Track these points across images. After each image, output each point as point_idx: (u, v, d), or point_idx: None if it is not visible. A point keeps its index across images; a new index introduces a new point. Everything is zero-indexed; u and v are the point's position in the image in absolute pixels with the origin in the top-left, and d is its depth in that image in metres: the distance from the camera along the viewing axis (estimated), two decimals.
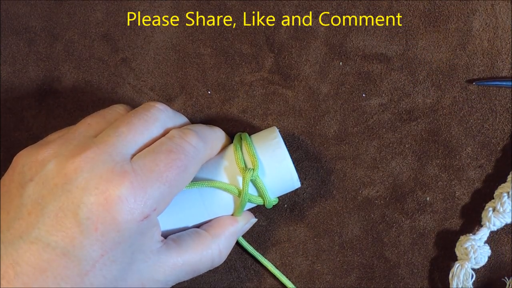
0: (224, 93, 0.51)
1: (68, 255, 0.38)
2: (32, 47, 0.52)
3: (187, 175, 0.43)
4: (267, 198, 0.46)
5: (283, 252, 0.51)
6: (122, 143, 0.41)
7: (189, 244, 0.44)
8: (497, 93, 0.50)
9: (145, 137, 0.43)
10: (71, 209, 0.38)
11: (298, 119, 0.51)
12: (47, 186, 0.39)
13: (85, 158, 0.40)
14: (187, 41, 0.52)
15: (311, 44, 0.51)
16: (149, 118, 0.44)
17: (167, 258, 0.42)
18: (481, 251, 0.48)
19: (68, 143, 0.41)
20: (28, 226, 0.38)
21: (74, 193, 0.39)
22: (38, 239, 0.38)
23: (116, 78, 0.52)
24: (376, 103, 0.51)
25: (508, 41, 0.50)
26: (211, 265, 0.46)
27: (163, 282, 0.43)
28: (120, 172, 0.39)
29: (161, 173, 0.41)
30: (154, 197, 0.40)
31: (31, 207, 0.39)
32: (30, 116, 0.52)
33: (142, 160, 0.41)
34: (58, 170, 0.39)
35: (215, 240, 0.45)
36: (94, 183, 0.39)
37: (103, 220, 0.38)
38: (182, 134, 0.43)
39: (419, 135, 0.50)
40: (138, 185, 0.40)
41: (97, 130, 0.43)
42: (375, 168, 0.51)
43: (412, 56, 0.51)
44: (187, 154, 0.42)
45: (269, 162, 0.46)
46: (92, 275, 0.39)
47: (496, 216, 0.48)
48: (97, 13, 0.52)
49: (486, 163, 0.50)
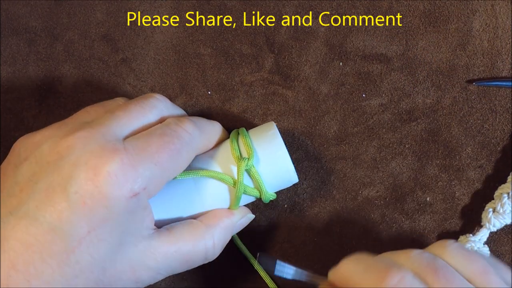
0: (224, 93, 0.51)
1: (55, 230, 0.38)
2: (32, 47, 0.52)
3: (180, 160, 0.42)
4: (263, 188, 0.46)
5: (283, 252, 0.51)
6: (117, 126, 0.42)
7: (182, 233, 0.43)
8: (497, 93, 0.50)
9: (141, 122, 0.43)
10: (61, 184, 0.38)
11: (298, 119, 0.51)
12: (40, 164, 0.39)
13: (78, 137, 0.40)
14: (187, 41, 0.52)
15: (311, 45, 0.51)
16: (146, 106, 0.44)
17: (158, 244, 0.42)
18: (480, 252, 0.48)
19: (64, 126, 0.42)
20: (19, 202, 0.38)
21: (65, 169, 0.39)
22: (26, 214, 0.38)
23: (116, 78, 0.52)
24: (376, 103, 0.51)
25: (508, 41, 0.50)
26: (204, 257, 0.45)
27: (155, 270, 0.42)
28: (111, 149, 0.39)
29: (153, 154, 0.41)
30: (144, 175, 0.40)
31: (23, 184, 0.39)
32: (30, 116, 0.52)
33: (135, 141, 0.41)
34: (51, 149, 0.40)
35: (209, 230, 0.44)
36: (84, 159, 0.39)
37: (91, 195, 0.38)
38: (178, 121, 0.44)
39: (419, 135, 0.50)
40: (128, 162, 0.39)
41: (95, 117, 0.43)
42: (375, 168, 0.51)
43: (412, 56, 0.51)
44: (181, 139, 0.42)
45: (264, 152, 0.46)
46: (78, 252, 0.38)
47: (496, 217, 0.48)
48: (97, 13, 0.52)
49: (486, 164, 0.50)
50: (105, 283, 0.40)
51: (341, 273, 0.41)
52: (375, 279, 0.38)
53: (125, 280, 0.41)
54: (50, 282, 0.37)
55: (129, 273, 0.41)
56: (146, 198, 0.41)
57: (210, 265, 0.48)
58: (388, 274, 0.38)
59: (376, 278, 0.38)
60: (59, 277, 0.38)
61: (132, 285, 0.41)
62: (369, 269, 0.39)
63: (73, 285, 0.38)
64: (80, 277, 0.38)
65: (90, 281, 0.39)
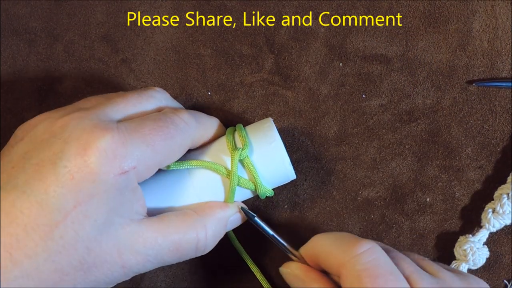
0: (224, 94, 0.51)
1: (41, 203, 0.37)
2: (32, 47, 0.52)
3: (173, 145, 0.42)
4: (258, 180, 0.45)
5: (283, 252, 0.51)
6: (112, 109, 0.42)
7: (173, 220, 0.43)
8: (497, 94, 0.50)
9: (137, 108, 0.43)
10: (51, 159, 0.38)
11: (298, 120, 0.51)
12: (34, 142, 0.40)
13: (73, 117, 0.40)
14: (187, 41, 0.52)
15: (311, 45, 0.51)
16: (144, 95, 0.44)
17: (147, 229, 0.41)
18: (480, 253, 0.48)
19: (62, 110, 0.42)
20: (9, 177, 0.38)
21: (57, 145, 0.39)
22: (15, 188, 0.38)
23: (116, 79, 0.52)
24: (376, 104, 0.51)
25: (508, 42, 0.50)
26: (195, 247, 0.43)
27: (143, 255, 0.41)
28: (103, 127, 0.39)
29: (145, 135, 0.41)
30: (134, 155, 0.40)
31: (16, 161, 0.39)
32: (30, 116, 0.52)
33: (128, 123, 0.41)
34: (46, 129, 0.40)
35: (201, 220, 0.44)
36: (76, 135, 0.39)
37: (79, 169, 0.38)
38: (175, 110, 0.44)
39: (419, 136, 0.51)
40: (119, 140, 0.39)
41: (94, 104, 0.43)
42: (375, 169, 0.51)
43: (412, 57, 0.51)
44: (176, 125, 0.42)
45: (259, 143, 0.45)
46: (62, 227, 0.38)
47: (495, 218, 0.48)
48: (97, 13, 0.52)
49: (486, 164, 0.50)
50: (90, 263, 0.39)
51: (311, 247, 0.43)
52: (344, 249, 0.39)
53: (111, 263, 0.40)
54: (31, 256, 0.37)
55: (115, 255, 0.40)
56: (136, 179, 0.40)
57: (210, 266, 0.48)
58: (357, 243, 0.39)
59: (346, 247, 0.39)
60: (42, 252, 0.37)
61: (119, 270, 0.40)
62: (338, 240, 0.40)
63: (56, 261, 0.38)
64: (63, 254, 0.38)
65: (73, 259, 0.38)
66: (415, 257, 0.42)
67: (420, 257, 0.42)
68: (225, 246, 0.49)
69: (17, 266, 0.37)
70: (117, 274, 0.40)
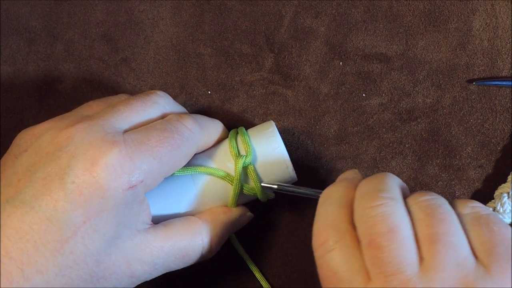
0: (224, 93, 0.51)
1: (50, 219, 0.38)
2: (32, 47, 0.52)
3: (179, 155, 0.42)
4: (260, 187, 0.46)
5: (283, 252, 0.51)
6: (117, 119, 0.42)
7: (179, 228, 0.43)
8: (497, 93, 0.50)
9: (142, 116, 0.43)
10: (58, 174, 0.38)
11: (298, 119, 0.51)
12: (39, 154, 0.39)
13: (78, 128, 0.40)
14: (187, 40, 0.52)
15: (311, 44, 0.51)
16: (147, 101, 0.44)
17: (154, 238, 0.42)
18: None
19: (65, 119, 0.42)
20: (16, 191, 0.38)
21: (63, 159, 0.39)
22: (23, 203, 0.38)
23: (116, 78, 0.52)
24: (376, 103, 0.51)
25: (508, 41, 0.50)
26: (201, 253, 0.44)
27: (150, 265, 0.42)
28: (110, 140, 0.39)
29: (152, 147, 0.41)
30: (142, 168, 0.40)
31: (22, 174, 0.39)
32: (30, 116, 0.52)
33: (134, 134, 0.41)
34: (51, 140, 0.40)
35: (205, 226, 0.44)
36: (83, 150, 0.39)
37: (88, 185, 0.38)
38: (179, 117, 0.44)
39: (419, 135, 0.50)
40: (127, 154, 0.39)
41: (96, 111, 0.43)
42: (375, 168, 0.51)
43: (412, 56, 0.51)
44: (181, 134, 0.42)
45: (262, 150, 0.46)
46: (72, 242, 0.38)
47: None
48: (97, 13, 0.52)
49: (486, 163, 0.50)
50: (99, 275, 0.39)
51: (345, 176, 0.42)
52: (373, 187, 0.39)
53: (119, 274, 0.40)
54: (43, 271, 0.37)
55: (124, 266, 0.40)
56: (143, 191, 0.41)
57: (209, 266, 0.48)
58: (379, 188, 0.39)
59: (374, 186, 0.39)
60: (52, 267, 0.38)
61: (127, 280, 0.41)
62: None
63: (67, 275, 0.38)
64: (74, 268, 0.38)
65: (84, 273, 0.39)
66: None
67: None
68: (225, 246, 0.49)
69: (29, 282, 0.37)
70: (125, 283, 0.41)
